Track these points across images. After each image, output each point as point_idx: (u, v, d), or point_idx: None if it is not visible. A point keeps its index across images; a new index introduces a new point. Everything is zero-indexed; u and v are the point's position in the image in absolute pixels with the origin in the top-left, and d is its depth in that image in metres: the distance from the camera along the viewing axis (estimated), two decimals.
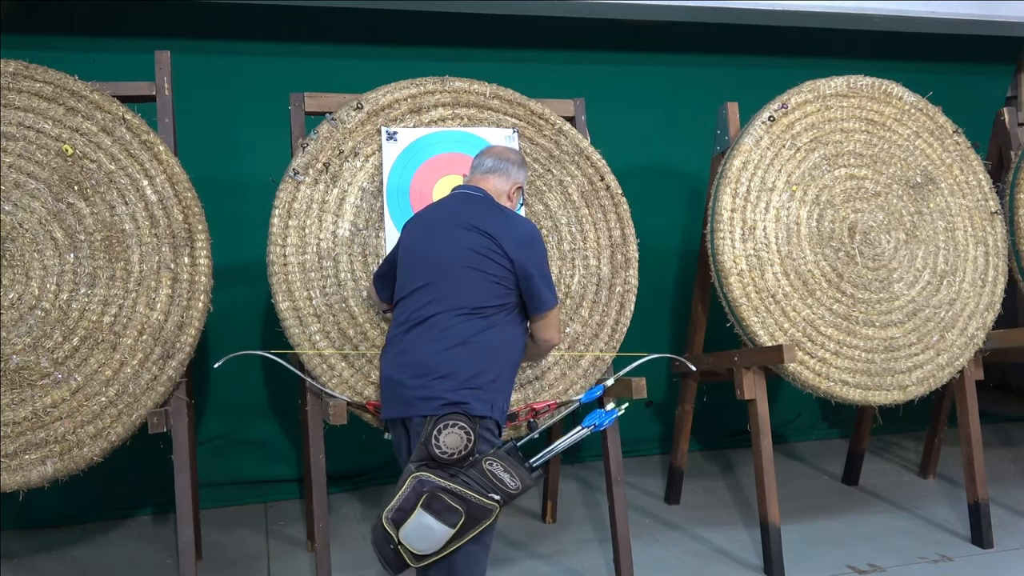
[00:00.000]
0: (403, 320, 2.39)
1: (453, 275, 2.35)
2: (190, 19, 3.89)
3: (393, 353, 2.39)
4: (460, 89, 3.22)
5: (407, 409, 2.31)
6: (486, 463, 2.19)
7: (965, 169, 3.72)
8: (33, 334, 2.74)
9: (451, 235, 2.39)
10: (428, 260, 2.39)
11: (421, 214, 2.55)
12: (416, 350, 2.32)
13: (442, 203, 2.55)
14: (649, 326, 4.23)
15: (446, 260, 2.37)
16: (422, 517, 2.13)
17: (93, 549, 3.68)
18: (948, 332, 3.55)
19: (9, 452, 2.68)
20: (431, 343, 2.31)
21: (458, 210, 2.46)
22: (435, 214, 2.50)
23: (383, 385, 2.41)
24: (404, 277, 2.45)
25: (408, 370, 2.31)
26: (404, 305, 2.41)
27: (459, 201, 2.51)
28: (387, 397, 2.39)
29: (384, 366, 2.41)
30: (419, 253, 2.43)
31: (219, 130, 3.99)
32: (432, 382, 2.26)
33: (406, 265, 2.46)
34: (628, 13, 4.25)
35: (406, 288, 2.43)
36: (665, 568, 3.39)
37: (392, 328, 2.45)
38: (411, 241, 2.48)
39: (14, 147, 2.79)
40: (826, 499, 4.21)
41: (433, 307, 2.34)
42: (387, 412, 2.40)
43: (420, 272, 2.40)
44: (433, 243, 2.41)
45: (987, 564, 3.39)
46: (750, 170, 3.38)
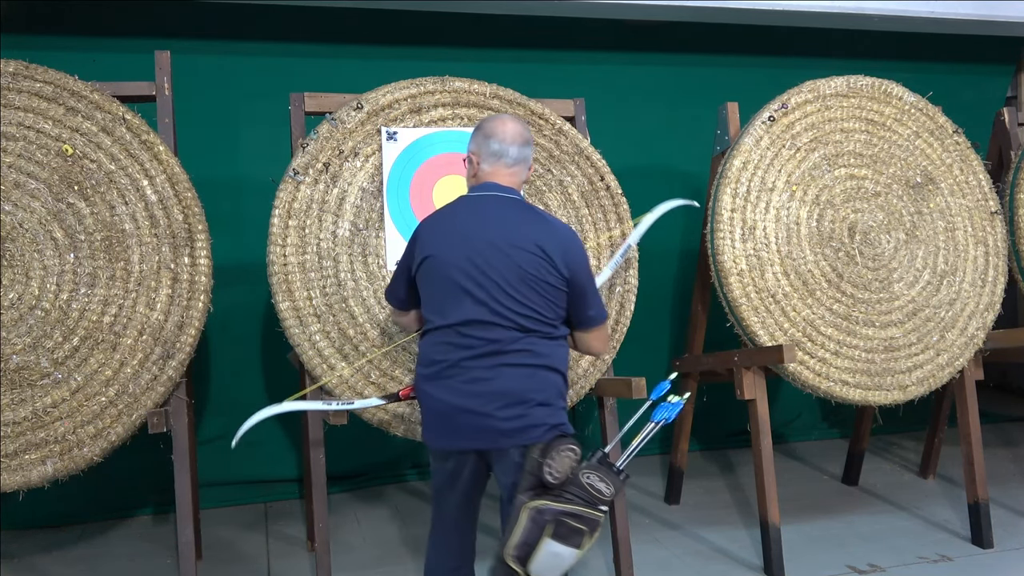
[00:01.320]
0: (460, 344, 2.20)
1: (514, 294, 2.20)
2: (190, 19, 3.89)
3: (461, 381, 2.19)
4: (460, 89, 3.22)
5: (497, 440, 2.17)
6: (584, 477, 2.15)
7: (965, 169, 3.72)
8: (33, 334, 2.74)
9: (504, 252, 2.20)
10: (482, 277, 2.20)
11: (455, 223, 2.28)
12: (501, 379, 2.18)
13: (478, 210, 2.29)
14: (649, 326, 4.24)
15: (504, 278, 2.20)
16: (551, 546, 2.09)
17: (93, 549, 3.68)
18: (948, 332, 3.55)
19: (9, 452, 2.68)
20: (517, 370, 2.19)
21: (503, 221, 2.26)
22: (473, 224, 2.26)
23: (443, 414, 2.21)
24: (449, 295, 2.23)
25: (494, 400, 2.16)
26: (456, 328, 2.21)
27: (499, 209, 2.29)
28: (454, 428, 2.21)
29: (443, 394, 2.21)
30: (468, 269, 2.21)
31: (219, 130, 3.99)
32: (531, 410, 2.18)
33: (450, 280, 2.22)
34: (628, 13, 4.25)
35: (453, 307, 2.21)
36: (665, 568, 3.39)
37: (440, 351, 2.23)
38: (450, 254, 2.23)
39: (14, 147, 2.80)
40: (826, 499, 4.21)
41: (499, 332, 2.19)
42: (457, 443, 2.22)
43: (473, 290, 2.20)
44: (484, 259, 2.20)
45: (987, 564, 3.39)
46: (750, 170, 3.38)
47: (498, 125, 2.35)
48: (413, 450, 4.42)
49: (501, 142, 2.33)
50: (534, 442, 2.16)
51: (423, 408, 2.30)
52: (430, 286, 2.28)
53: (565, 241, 2.30)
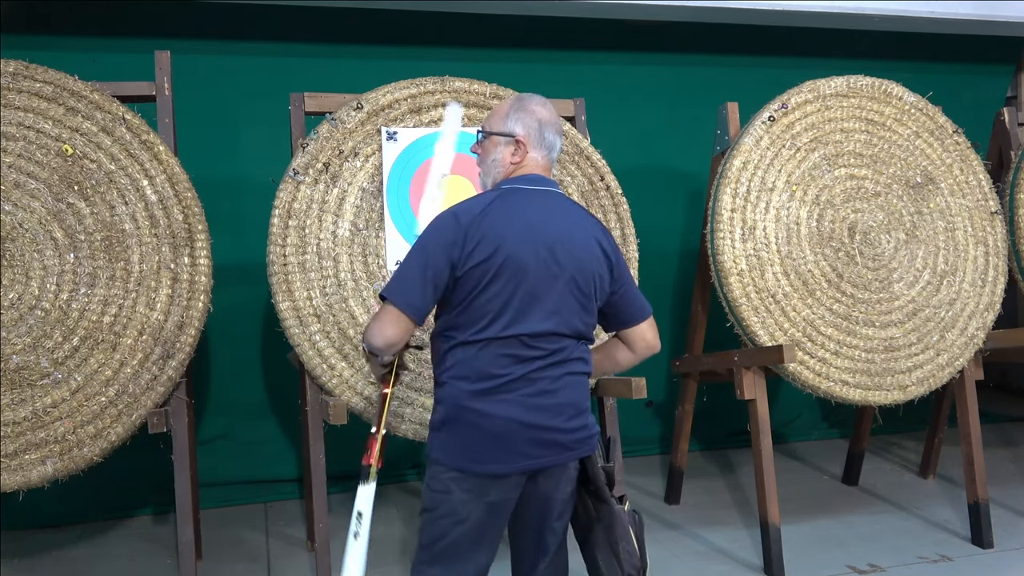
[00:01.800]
0: (527, 356, 1.96)
1: (580, 299, 2.03)
2: (190, 19, 3.89)
3: (526, 394, 1.97)
4: (460, 89, 3.22)
5: (562, 455, 2.02)
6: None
7: (965, 169, 3.72)
8: (33, 334, 2.74)
9: (573, 253, 2.01)
10: (554, 282, 1.98)
11: (525, 217, 2.00)
12: (565, 390, 2.03)
13: (543, 205, 2.05)
14: None
15: (574, 283, 2.01)
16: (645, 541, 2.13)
17: (93, 549, 3.68)
18: (948, 332, 3.55)
19: (9, 452, 2.68)
20: (576, 378, 2.07)
21: (566, 218, 2.06)
22: (542, 220, 2.01)
23: (499, 434, 1.96)
24: (516, 301, 1.95)
25: (560, 413, 2.01)
26: (522, 338, 1.96)
27: (561, 205, 2.09)
28: (514, 447, 1.97)
29: (502, 410, 1.95)
30: (541, 272, 1.96)
31: (219, 130, 3.99)
32: (587, 420, 2.09)
33: (522, 284, 1.95)
34: (628, 13, 4.25)
35: (522, 315, 1.95)
36: (665, 568, 3.39)
37: (501, 364, 1.96)
38: (524, 254, 1.95)
39: (14, 147, 2.80)
40: (826, 499, 4.21)
41: (565, 341, 2.03)
42: (516, 464, 1.98)
43: (546, 297, 1.97)
44: (556, 261, 1.98)
45: (987, 564, 3.39)
46: (750, 170, 3.38)
47: (547, 113, 2.13)
48: (413, 450, 4.41)
49: (555, 134, 2.14)
50: (592, 452, 2.09)
51: (466, 430, 1.97)
52: (491, 289, 1.93)
53: (607, 233, 2.16)
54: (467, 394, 1.97)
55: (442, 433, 2.01)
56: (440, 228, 1.97)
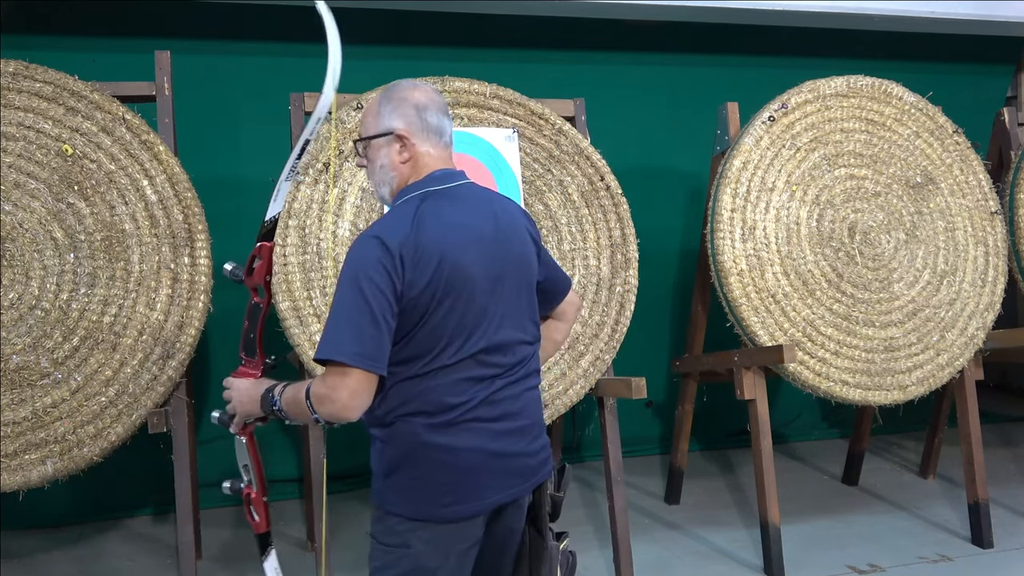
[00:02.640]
0: (484, 376, 1.73)
1: (526, 298, 1.83)
2: (190, 19, 3.88)
3: (489, 420, 1.73)
4: (460, 89, 3.22)
5: (529, 483, 1.81)
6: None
7: (965, 169, 3.72)
8: (33, 334, 2.74)
9: (509, 249, 1.80)
10: (500, 286, 1.75)
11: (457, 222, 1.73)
12: (528, 408, 1.81)
13: (467, 204, 1.79)
14: (649, 326, 4.23)
15: (517, 281, 1.80)
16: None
17: (93, 549, 3.68)
18: (948, 332, 3.55)
19: (9, 452, 2.68)
20: (533, 394, 1.85)
21: (494, 212, 1.82)
22: (474, 221, 1.77)
23: (468, 469, 1.71)
24: (468, 317, 1.70)
25: (526, 434, 1.80)
26: (477, 356, 1.72)
27: (485, 198, 1.85)
28: (485, 481, 1.73)
29: (469, 441, 1.71)
30: (486, 278, 1.73)
31: (219, 130, 3.99)
32: (546, 440, 1.88)
33: (472, 297, 1.70)
34: (628, 13, 4.25)
35: (474, 331, 1.71)
36: (665, 568, 3.39)
37: (458, 390, 1.70)
38: (470, 265, 1.70)
39: (14, 147, 2.80)
40: (826, 499, 4.20)
41: (522, 350, 1.80)
42: (490, 499, 1.74)
43: (495, 305, 1.74)
44: (497, 262, 1.76)
45: (987, 564, 3.39)
46: (750, 170, 3.38)
47: (422, 94, 1.84)
48: None
49: (437, 115, 1.82)
50: (548, 477, 1.86)
51: (430, 470, 1.70)
52: (438, 313, 1.67)
53: (526, 213, 1.95)
54: (427, 428, 1.69)
55: (396, 478, 1.73)
56: (368, 259, 1.63)
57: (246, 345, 2.10)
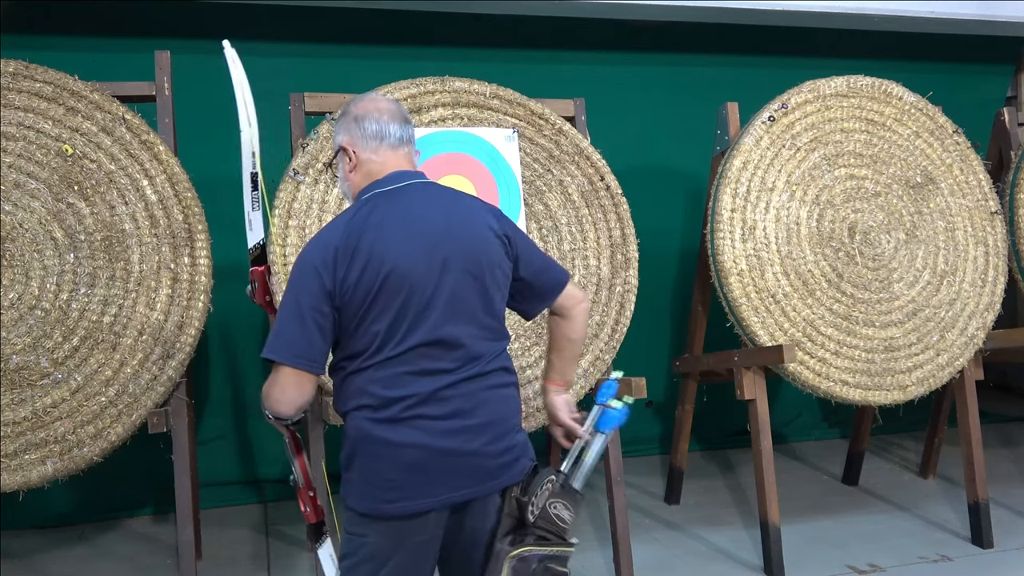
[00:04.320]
0: (432, 369, 1.74)
1: (487, 294, 1.82)
2: (190, 19, 3.89)
3: (438, 416, 1.74)
4: (460, 89, 3.22)
5: (486, 483, 1.78)
6: (551, 507, 1.85)
7: (965, 169, 3.72)
8: (33, 334, 2.74)
9: (466, 243, 1.80)
10: (450, 279, 1.76)
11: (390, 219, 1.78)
12: (486, 406, 1.79)
13: (408, 202, 1.82)
14: (649, 326, 4.23)
15: (473, 276, 1.79)
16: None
17: (93, 549, 3.68)
18: (948, 332, 3.55)
19: (9, 452, 2.68)
20: (498, 392, 1.82)
21: (445, 207, 1.85)
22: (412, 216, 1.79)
23: (414, 464, 1.73)
24: (410, 310, 1.73)
25: (482, 434, 1.77)
26: (422, 349, 1.74)
27: (431, 195, 1.87)
28: (432, 478, 1.75)
29: (414, 437, 1.73)
30: (431, 271, 1.75)
31: (219, 130, 3.98)
32: (515, 441, 1.84)
33: (410, 291, 1.73)
34: (628, 13, 4.26)
35: (417, 324, 1.73)
36: (665, 568, 3.39)
37: (400, 384, 1.73)
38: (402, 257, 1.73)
39: (14, 147, 2.80)
40: (826, 499, 4.21)
41: (480, 346, 1.79)
42: (438, 497, 1.74)
43: (442, 298, 1.75)
44: (444, 256, 1.77)
45: (987, 564, 3.39)
46: (750, 170, 3.38)
47: (367, 105, 1.89)
48: None
49: (378, 121, 1.87)
50: (518, 479, 1.83)
51: (375, 464, 1.74)
52: (376, 306, 1.72)
53: (496, 211, 1.92)
54: (371, 423, 1.74)
55: (350, 472, 1.78)
56: (305, 263, 1.74)
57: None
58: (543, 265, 1.95)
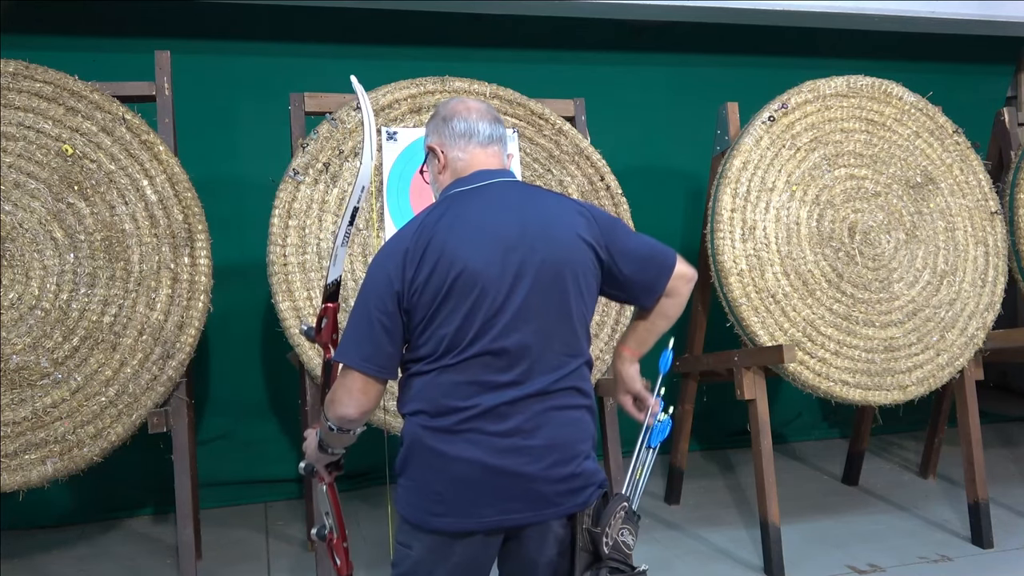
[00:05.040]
0: (494, 383, 1.65)
1: (565, 307, 1.71)
2: (190, 19, 3.89)
3: (496, 433, 1.65)
4: (460, 89, 3.22)
5: (544, 511, 1.68)
6: (620, 536, 1.75)
7: (965, 169, 3.72)
8: (33, 334, 2.74)
9: (546, 251, 1.69)
10: (524, 288, 1.67)
11: (468, 220, 1.71)
12: (549, 427, 1.68)
13: (491, 202, 1.75)
14: None
15: (554, 286, 1.69)
16: None
17: (93, 549, 3.68)
18: (948, 332, 3.55)
19: (9, 452, 2.68)
20: (565, 414, 1.71)
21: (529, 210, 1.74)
22: (494, 219, 1.71)
23: (465, 480, 1.65)
24: (476, 316, 1.65)
25: (543, 457, 1.67)
26: (485, 358, 1.65)
27: (517, 197, 1.78)
28: (484, 498, 1.66)
29: (468, 452, 1.65)
30: (504, 277, 1.66)
31: (219, 130, 3.99)
32: (581, 467, 1.72)
33: (479, 295, 1.65)
34: (628, 13, 4.26)
35: (483, 331, 1.65)
36: (665, 568, 3.39)
37: (460, 393, 1.66)
38: (476, 260, 1.65)
39: (14, 147, 2.80)
40: (826, 499, 4.20)
41: (549, 361, 1.69)
42: (488, 519, 1.67)
43: (512, 307, 1.66)
44: (522, 263, 1.67)
45: (987, 564, 3.39)
46: (750, 170, 3.38)
47: (457, 105, 1.86)
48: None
49: (466, 119, 1.82)
50: (583, 508, 1.72)
51: (424, 474, 1.69)
52: (443, 310, 1.65)
53: (586, 210, 1.81)
54: (425, 431, 1.68)
55: (402, 478, 1.72)
56: (376, 264, 1.72)
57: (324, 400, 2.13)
58: (647, 255, 1.82)
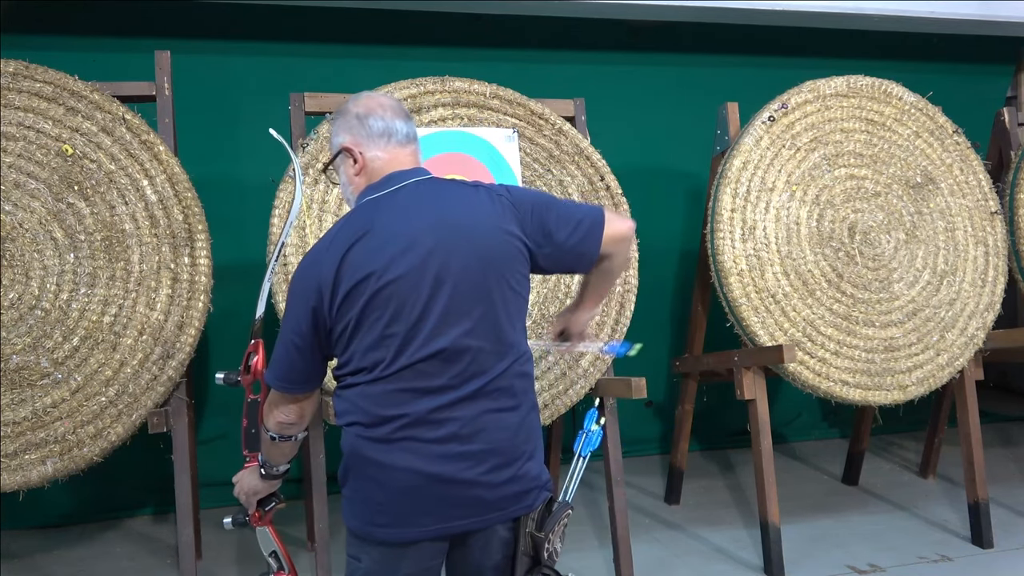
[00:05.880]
0: (427, 388, 1.62)
1: (493, 303, 1.66)
2: (190, 19, 3.89)
3: (432, 440, 1.61)
4: (460, 89, 3.22)
5: (486, 516, 1.66)
6: (557, 544, 1.76)
7: (965, 169, 3.72)
8: (33, 334, 2.74)
9: (470, 248, 1.65)
10: (451, 289, 1.62)
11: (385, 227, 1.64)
12: (487, 431, 1.64)
13: (408, 205, 1.69)
14: (649, 326, 4.23)
15: (479, 284, 1.65)
16: None
17: (93, 549, 3.68)
18: (948, 332, 3.55)
19: (9, 452, 2.68)
20: (504, 417, 1.67)
21: (449, 207, 1.69)
22: (410, 223, 1.65)
23: (406, 489, 1.62)
24: (402, 324, 1.61)
25: (481, 461, 1.63)
26: (418, 366, 1.61)
27: (435, 195, 1.72)
28: (426, 506, 1.63)
29: (406, 460, 1.62)
30: (428, 282, 1.61)
31: (219, 130, 3.99)
32: (523, 469, 1.69)
33: (404, 303, 1.61)
34: (628, 13, 4.25)
35: (412, 339, 1.61)
36: (665, 568, 3.39)
37: (393, 401, 1.62)
38: (394, 268, 1.61)
39: (14, 147, 2.80)
40: (826, 499, 4.20)
41: (482, 361, 1.64)
42: (430, 527, 1.64)
43: (440, 310, 1.62)
44: (445, 263, 1.63)
45: (987, 564, 3.39)
46: (750, 170, 3.38)
47: (369, 102, 1.79)
48: None
49: (383, 117, 1.76)
50: (528, 511, 1.69)
51: (366, 486, 1.66)
52: (367, 321, 1.61)
53: (502, 198, 1.73)
54: (363, 441, 1.64)
55: (345, 489, 1.71)
56: (294, 282, 1.70)
57: (248, 441, 2.16)
58: (575, 224, 1.75)
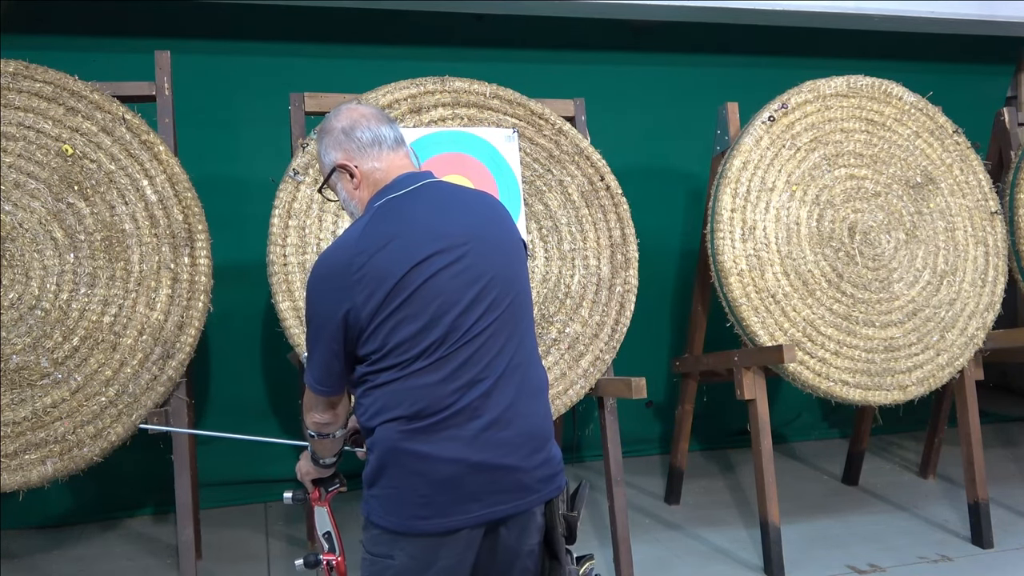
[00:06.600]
0: (466, 381, 1.64)
1: (518, 299, 1.74)
2: (190, 19, 3.89)
3: (473, 429, 1.64)
4: (460, 89, 3.22)
5: (526, 498, 1.69)
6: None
7: (965, 169, 3.72)
8: (33, 334, 2.74)
9: (491, 245, 1.72)
10: (483, 284, 1.68)
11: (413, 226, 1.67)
12: (522, 417, 1.69)
13: (422, 206, 1.71)
14: (649, 326, 4.24)
15: (506, 279, 1.72)
16: None
17: (93, 549, 3.68)
18: (948, 332, 3.55)
19: (9, 452, 2.68)
20: (533, 402, 1.73)
21: (462, 208, 1.75)
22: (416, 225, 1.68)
23: (447, 480, 1.63)
24: (437, 320, 1.63)
25: (521, 446, 1.68)
26: (455, 357, 1.63)
27: (445, 197, 1.76)
28: (467, 494, 1.64)
29: (448, 450, 1.63)
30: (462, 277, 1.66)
31: (219, 130, 3.99)
32: (552, 451, 1.75)
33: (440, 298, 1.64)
34: (628, 13, 4.25)
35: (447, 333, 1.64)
36: (665, 568, 3.39)
37: (432, 395, 1.63)
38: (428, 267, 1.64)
39: (14, 147, 2.80)
40: (826, 499, 4.21)
41: (513, 354, 1.70)
42: (473, 514, 1.65)
43: (474, 304, 1.66)
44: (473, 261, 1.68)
45: (987, 564, 3.39)
46: (750, 170, 3.38)
47: (351, 114, 1.81)
48: None
49: (368, 127, 1.79)
50: (558, 493, 1.75)
51: (406, 479, 1.65)
52: (399, 315, 1.63)
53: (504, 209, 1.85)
54: (403, 435, 1.64)
55: (377, 488, 1.69)
56: (312, 285, 1.69)
57: None
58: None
